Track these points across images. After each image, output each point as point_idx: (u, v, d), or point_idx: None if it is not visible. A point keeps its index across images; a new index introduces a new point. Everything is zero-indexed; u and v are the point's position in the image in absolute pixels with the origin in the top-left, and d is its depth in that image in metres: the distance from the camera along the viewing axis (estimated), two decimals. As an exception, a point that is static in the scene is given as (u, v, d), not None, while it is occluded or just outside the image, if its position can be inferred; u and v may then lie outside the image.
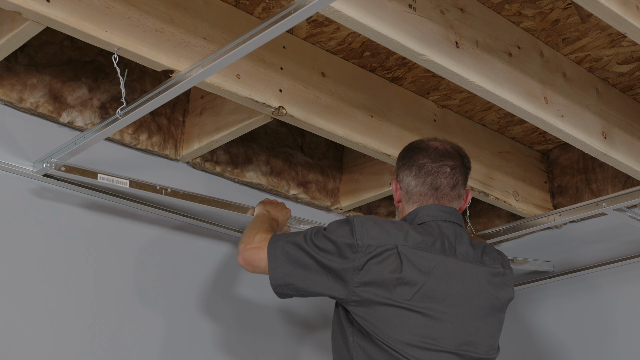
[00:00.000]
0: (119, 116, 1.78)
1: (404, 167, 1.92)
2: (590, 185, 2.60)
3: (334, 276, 1.73)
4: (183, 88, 1.70)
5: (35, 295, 1.97)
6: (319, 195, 2.57)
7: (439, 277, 1.74)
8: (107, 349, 2.06)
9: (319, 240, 1.76)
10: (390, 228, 1.76)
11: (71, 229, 2.08)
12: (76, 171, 1.97)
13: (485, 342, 1.78)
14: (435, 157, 1.89)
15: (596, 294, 2.63)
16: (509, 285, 1.88)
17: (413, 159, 1.91)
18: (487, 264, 1.85)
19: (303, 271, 1.75)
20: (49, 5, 1.61)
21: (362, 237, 1.73)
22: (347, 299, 1.72)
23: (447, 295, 1.73)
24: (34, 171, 2.00)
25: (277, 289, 1.77)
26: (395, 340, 1.68)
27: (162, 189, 2.09)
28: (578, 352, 2.63)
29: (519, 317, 2.83)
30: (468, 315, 1.75)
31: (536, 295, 2.80)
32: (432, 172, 1.88)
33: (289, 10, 1.44)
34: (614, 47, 2.10)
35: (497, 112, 2.46)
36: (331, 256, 1.73)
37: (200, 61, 1.65)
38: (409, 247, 1.73)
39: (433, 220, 1.84)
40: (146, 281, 2.19)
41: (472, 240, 1.88)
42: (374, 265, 1.71)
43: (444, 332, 1.71)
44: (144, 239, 2.21)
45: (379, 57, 2.20)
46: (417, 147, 1.93)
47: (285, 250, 1.77)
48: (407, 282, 1.70)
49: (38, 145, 2.03)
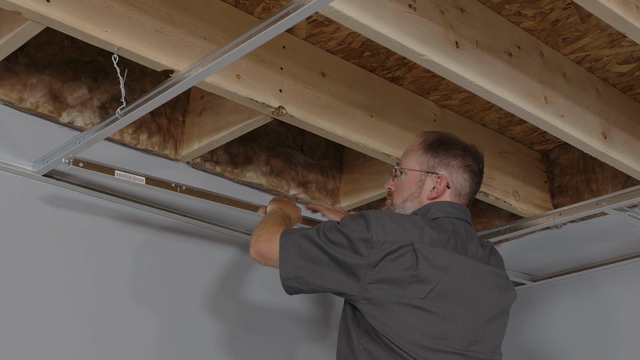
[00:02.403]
0: (118, 116, 1.78)
1: (453, 164, 1.87)
2: (590, 185, 2.60)
3: (347, 272, 1.68)
4: (183, 88, 1.70)
5: (34, 295, 1.97)
6: (319, 196, 2.57)
7: (454, 275, 1.71)
8: (106, 349, 2.06)
9: (333, 234, 1.71)
10: (406, 224, 1.71)
11: (70, 229, 2.08)
12: (94, 167, 1.96)
13: (492, 343, 1.76)
14: (478, 159, 1.90)
15: (596, 294, 2.63)
16: (512, 287, 1.88)
17: (460, 156, 1.88)
18: (494, 265, 1.84)
19: (314, 265, 1.70)
20: (49, 5, 1.61)
21: (377, 232, 1.68)
22: (358, 296, 1.67)
23: (460, 295, 1.71)
24: (34, 171, 2.00)
25: (286, 282, 1.72)
26: (406, 341, 1.64)
27: (177, 187, 2.10)
28: (579, 352, 2.63)
29: (518, 317, 2.83)
30: (477, 316, 1.73)
31: (536, 295, 2.81)
32: (476, 175, 1.89)
33: (288, 10, 1.44)
34: (614, 47, 2.10)
35: (497, 112, 2.46)
36: (345, 250, 1.68)
37: (199, 61, 1.65)
38: (425, 244, 1.69)
39: (446, 216, 1.81)
40: (145, 281, 2.19)
41: (481, 240, 1.87)
42: (389, 262, 1.66)
43: (454, 332, 1.68)
44: (143, 239, 2.21)
45: (379, 57, 2.20)
46: (458, 142, 1.91)
47: (297, 243, 1.72)
48: (423, 280, 1.67)
49: (38, 145, 2.03)
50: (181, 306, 2.24)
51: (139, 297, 2.16)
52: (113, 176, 1.98)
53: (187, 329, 2.23)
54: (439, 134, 1.94)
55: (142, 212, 2.22)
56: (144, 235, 2.22)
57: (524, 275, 2.79)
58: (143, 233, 2.21)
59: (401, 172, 1.92)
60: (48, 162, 1.95)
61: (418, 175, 1.88)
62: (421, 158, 1.89)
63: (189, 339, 2.23)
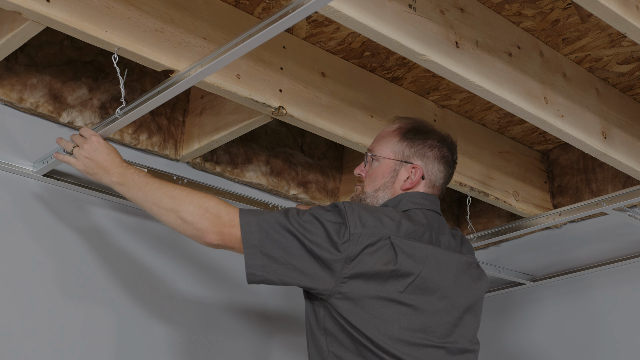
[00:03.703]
0: (118, 116, 1.77)
1: (429, 154, 1.81)
2: (590, 185, 2.60)
3: (321, 264, 1.58)
4: (182, 88, 1.69)
5: (34, 295, 1.97)
6: (319, 195, 2.57)
7: (432, 267, 1.66)
8: (106, 349, 2.06)
9: (307, 222, 1.60)
10: (382, 217, 1.64)
11: (69, 228, 2.07)
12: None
13: (470, 332, 1.73)
14: (453, 150, 1.86)
15: (597, 294, 2.63)
16: (484, 274, 1.84)
17: (437, 147, 1.82)
18: (465, 254, 1.80)
19: (284, 254, 1.58)
20: (49, 5, 1.61)
21: (354, 224, 1.60)
22: (332, 291, 1.58)
23: (438, 287, 1.66)
24: (34, 171, 2.00)
25: (250, 269, 1.59)
26: (385, 336, 1.58)
27: (179, 179, 2.09)
28: (579, 352, 2.63)
29: (519, 317, 2.83)
30: (455, 307, 1.70)
31: (536, 295, 2.81)
32: (451, 166, 1.85)
33: (287, 9, 1.44)
34: (614, 47, 2.10)
35: (497, 112, 2.46)
36: (320, 240, 1.58)
37: (199, 61, 1.65)
38: (401, 238, 1.63)
39: (418, 208, 1.76)
40: (149, 281, 2.19)
41: (451, 230, 1.82)
42: (367, 255, 1.59)
43: (433, 325, 1.64)
44: (142, 238, 2.21)
45: (379, 57, 2.20)
46: (434, 132, 1.85)
47: (262, 227, 1.59)
48: (403, 274, 1.61)
49: (38, 145, 2.03)
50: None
51: (140, 298, 2.16)
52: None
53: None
54: (414, 121, 1.88)
55: (141, 212, 2.20)
56: (143, 234, 2.21)
57: (524, 275, 2.79)
58: (142, 233, 2.21)
59: (373, 159, 1.84)
60: (48, 162, 1.95)
61: (392, 165, 1.81)
62: (396, 146, 1.82)
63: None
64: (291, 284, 1.61)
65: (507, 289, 2.87)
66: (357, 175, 1.87)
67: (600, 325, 2.60)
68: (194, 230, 1.64)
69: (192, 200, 1.66)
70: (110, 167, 1.77)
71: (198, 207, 1.65)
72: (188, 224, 1.65)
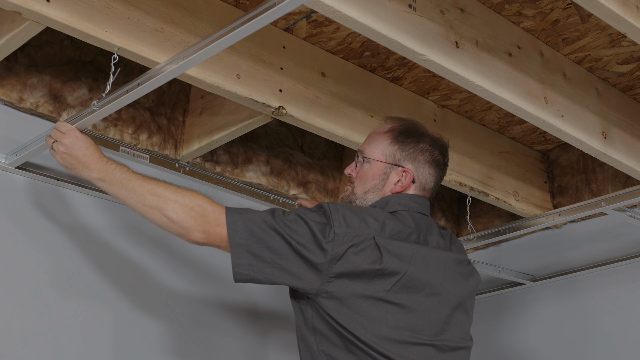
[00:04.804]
0: (95, 108, 1.73)
1: (420, 158, 1.81)
2: (590, 185, 2.60)
3: (307, 263, 1.59)
4: (162, 80, 1.64)
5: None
6: (319, 196, 2.57)
7: (419, 265, 1.66)
8: (105, 349, 2.06)
9: (292, 221, 1.61)
10: (367, 217, 1.65)
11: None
12: (98, 141, 1.97)
13: (461, 329, 1.72)
14: (444, 153, 1.85)
15: (597, 294, 2.64)
16: (476, 271, 1.84)
17: (428, 150, 1.82)
18: (455, 252, 1.80)
19: (270, 253, 1.59)
20: (49, 5, 1.61)
21: (339, 224, 1.60)
22: (319, 291, 1.59)
23: (426, 285, 1.66)
24: (6, 163, 1.96)
25: (237, 268, 1.60)
26: (373, 334, 1.58)
27: (181, 167, 2.09)
28: (580, 352, 2.63)
29: (519, 317, 2.83)
30: (444, 304, 1.69)
31: (535, 296, 2.81)
32: (442, 170, 1.85)
33: (273, 1, 1.41)
34: (614, 47, 2.10)
35: (497, 112, 2.46)
36: (305, 240, 1.59)
37: (180, 53, 1.61)
38: (386, 238, 1.63)
39: (405, 210, 1.75)
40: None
41: (440, 230, 1.82)
42: (352, 254, 1.59)
43: (421, 323, 1.64)
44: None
45: (379, 57, 2.20)
46: (426, 135, 1.84)
47: (248, 227, 1.60)
48: (389, 273, 1.61)
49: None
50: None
51: (136, 296, 2.16)
52: (117, 152, 2.02)
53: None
54: (407, 123, 1.87)
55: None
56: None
57: (524, 275, 2.79)
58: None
59: (364, 160, 1.84)
60: (22, 154, 1.90)
61: (383, 167, 1.81)
62: (387, 149, 1.82)
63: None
64: (278, 283, 1.61)
65: (507, 289, 2.87)
66: (348, 175, 1.87)
67: (600, 325, 2.60)
68: (179, 228, 1.64)
69: (177, 199, 1.65)
70: (90, 163, 1.74)
71: (183, 205, 1.64)
72: (173, 222, 1.64)
